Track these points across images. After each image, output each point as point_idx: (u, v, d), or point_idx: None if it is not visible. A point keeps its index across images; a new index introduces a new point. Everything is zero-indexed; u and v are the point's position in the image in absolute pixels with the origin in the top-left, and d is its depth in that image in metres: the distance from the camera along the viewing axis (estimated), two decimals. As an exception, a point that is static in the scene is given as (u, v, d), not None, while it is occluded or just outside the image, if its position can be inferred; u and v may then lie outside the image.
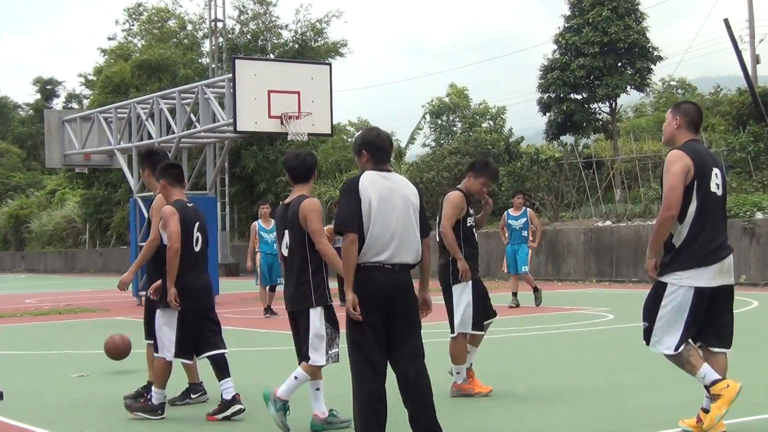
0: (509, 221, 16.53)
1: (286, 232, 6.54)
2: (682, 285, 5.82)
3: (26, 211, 57.21)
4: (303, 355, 6.51)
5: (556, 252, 24.72)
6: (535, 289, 16.39)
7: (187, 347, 7.24)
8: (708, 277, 5.79)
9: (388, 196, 5.49)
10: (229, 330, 14.29)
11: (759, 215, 20.97)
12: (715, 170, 5.95)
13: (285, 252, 6.58)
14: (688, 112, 6.07)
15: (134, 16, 48.03)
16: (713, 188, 5.89)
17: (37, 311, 18.97)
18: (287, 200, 6.64)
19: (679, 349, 5.85)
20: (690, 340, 5.93)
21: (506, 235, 16.60)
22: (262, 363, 10.51)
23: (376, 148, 5.63)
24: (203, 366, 7.67)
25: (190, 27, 45.39)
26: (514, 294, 16.44)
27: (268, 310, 16.38)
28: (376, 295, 5.36)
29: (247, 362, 10.51)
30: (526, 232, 16.34)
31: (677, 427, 6.22)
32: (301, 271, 6.41)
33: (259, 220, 16.55)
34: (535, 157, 28.78)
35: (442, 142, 44.02)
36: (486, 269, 26.91)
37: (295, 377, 6.50)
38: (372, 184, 5.49)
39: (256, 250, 16.22)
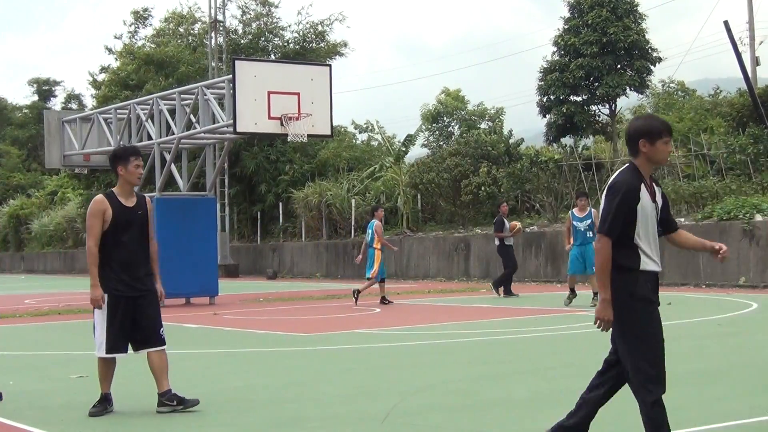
0: (574, 222, 16.57)
1: None
2: None
3: (26, 212, 57.23)
4: None
5: (556, 254, 24.71)
6: (596, 294, 16.41)
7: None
8: None
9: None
10: (228, 331, 14.33)
11: (758, 217, 20.97)
12: None
13: None
14: None
15: (139, 20, 48.24)
16: None
17: (37, 312, 18.97)
18: None
19: None
20: None
21: (570, 236, 16.63)
22: (262, 364, 10.51)
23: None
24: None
25: (197, 27, 45.57)
26: (572, 290, 16.46)
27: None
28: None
29: (247, 363, 10.52)
30: (591, 232, 16.34)
31: (677, 428, 6.22)
32: None
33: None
34: (535, 158, 28.80)
35: (441, 143, 44.07)
36: (485, 270, 26.94)
37: None
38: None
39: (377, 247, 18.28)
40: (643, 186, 5.10)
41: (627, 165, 5.23)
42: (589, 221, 16.43)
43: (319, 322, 15.55)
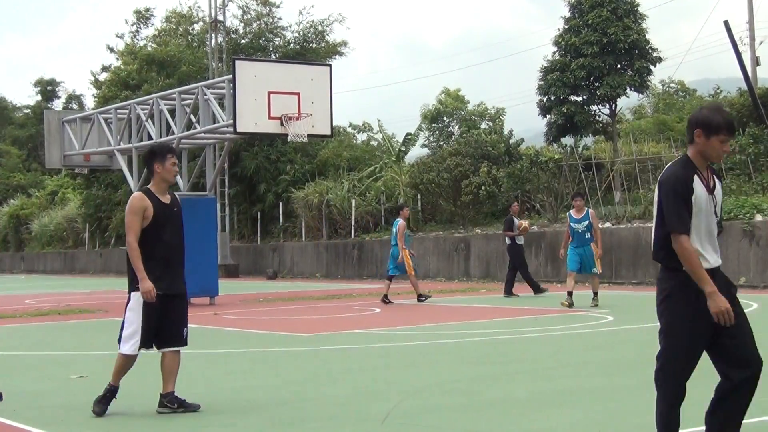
0: (572, 224, 16.39)
1: None
2: None
3: (27, 212, 57.24)
4: None
5: (556, 254, 24.67)
6: (595, 294, 16.36)
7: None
8: None
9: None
10: (229, 331, 14.33)
11: (759, 217, 20.97)
12: None
13: None
14: None
15: (142, 20, 48.35)
16: None
17: (37, 312, 18.97)
18: None
19: None
20: None
21: (568, 238, 16.45)
22: (262, 364, 10.51)
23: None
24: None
25: (198, 26, 45.65)
26: (570, 294, 16.20)
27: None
28: None
29: (247, 363, 10.52)
30: (589, 234, 16.24)
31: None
32: None
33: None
34: (535, 158, 28.79)
35: (441, 143, 44.08)
36: (485, 270, 26.93)
37: None
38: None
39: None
40: (696, 177, 4.84)
41: (680, 156, 5.02)
42: (586, 222, 16.28)
43: (319, 322, 15.55)
